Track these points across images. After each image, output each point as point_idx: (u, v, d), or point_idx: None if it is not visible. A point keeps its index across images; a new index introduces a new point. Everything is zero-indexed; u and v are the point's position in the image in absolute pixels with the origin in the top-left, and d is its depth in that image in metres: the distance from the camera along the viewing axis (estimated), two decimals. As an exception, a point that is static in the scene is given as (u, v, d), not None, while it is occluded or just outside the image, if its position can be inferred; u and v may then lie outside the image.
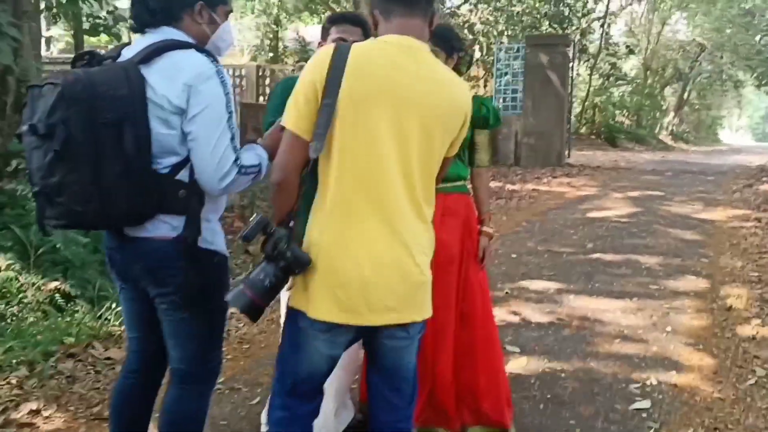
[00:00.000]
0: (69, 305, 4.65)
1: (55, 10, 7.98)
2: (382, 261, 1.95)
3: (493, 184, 12.12)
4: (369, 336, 2.05)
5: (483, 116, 3.11)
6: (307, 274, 1.96)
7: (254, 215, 1.97)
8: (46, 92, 1.96)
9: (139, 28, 2.19)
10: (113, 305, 4.61)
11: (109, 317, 4.52)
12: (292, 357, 2.07)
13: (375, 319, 1.97)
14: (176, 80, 2.04)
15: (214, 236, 2.22)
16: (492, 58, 17.78)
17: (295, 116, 1.92)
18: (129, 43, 2.24)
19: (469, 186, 3.19)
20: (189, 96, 2.04)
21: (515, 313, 5.08)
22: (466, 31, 20.76)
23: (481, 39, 20.03)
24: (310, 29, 23.46)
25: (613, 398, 3.65)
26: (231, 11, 2.33)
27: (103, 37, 9.48)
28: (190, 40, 2.16)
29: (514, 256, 6.97)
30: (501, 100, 15.75)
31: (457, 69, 3.10)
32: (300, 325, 2.01)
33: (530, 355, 4.25)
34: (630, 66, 32.42)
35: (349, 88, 1.88)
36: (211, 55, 2.13)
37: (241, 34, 22.82)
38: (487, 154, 3.19)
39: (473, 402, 3.08)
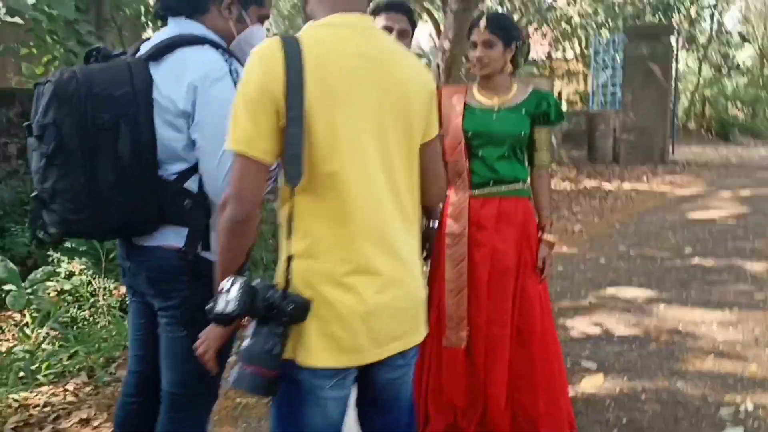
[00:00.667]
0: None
1: (143, 19, 8.18)
2: (382, 284, 1.66)
3: (588, 183, 11.58)
4: (364, 370, 1.74)
5: (543, 112, 2.83)
6: None
7: (228, 280, 1.58)
8: (44, 91, 1.84)
9: (164, 15, 2.04)
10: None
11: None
12: (297, 418, 1.71)
13: (379, 353, 1.69)
14: (182, 80, 1.86)
15: None
16: (590, 51, 17.08)
17: (252, 136, 1.54)
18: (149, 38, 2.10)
19: (528, 187, 2.90)
20: (195, 98, 1.86)
21: (597, 325, 4.70)
22: (564, 24, 20.09)
23: (579, 32, 19.30)
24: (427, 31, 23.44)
25: (699, 425, 3.25)
26: (267, 17, 2.15)
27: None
28: (210, 35, 1.99)
29: (602, 261, 6.53)
30: (599, 95, 15.06)
31: (513, 61, 2.83)
32: (297, 378, 1.64)
33: (608, 372, 3.88)
34: (745, 56, 30.45)
35: (316, 91, 1.56)
36: (228, 52, 1.96)
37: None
38: (548, 153, 2.90)
39: (530, 427, 2.79)
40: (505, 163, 2.80)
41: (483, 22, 2.74)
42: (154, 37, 2.03)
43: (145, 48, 1.98)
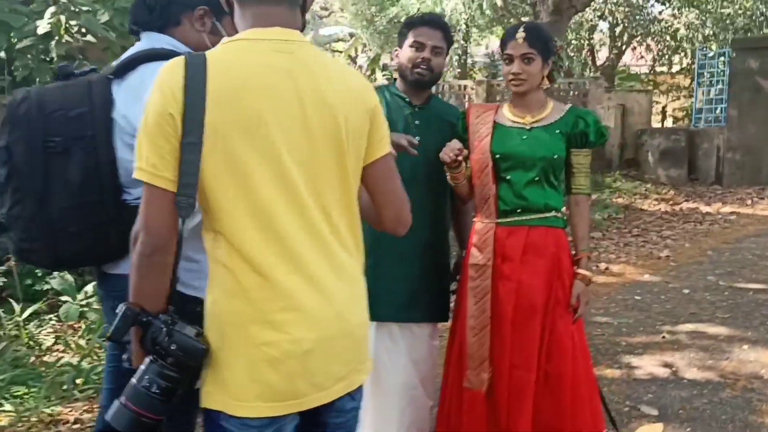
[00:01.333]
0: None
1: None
2: (319, 320, 1.50)
3: (685, 205, 10.88)
4: (307, 415, 1.56)
5: (581, 132, 2.55)
6: (221, 361, 1.48)
7: (121, 305, 1.50)
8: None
9: (136, 29, 1.94)
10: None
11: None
12: None
13: (323, 397, 1.53)
14: (139, 98, 1.71)
15: (200, 279, 1.81)
16: (695, 65, 16.17)
17: (155, 164, 1.41)
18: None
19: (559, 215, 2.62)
20: None
21: (666, 365, 4.28)
22: (668, 38, 19.15)
23: (685, 45, 18.34)
24: (502, 43, 23.03)
25: (767, 491, 2.85)
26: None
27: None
28: (181, 48, 1.87)
29: (686, 291, 6.02)
30: (703, 111, 14.20)
31: (550, 76, 2.57)
32: (227, 429, 1.49)
33: (670, 421, 3.49)
34: None
35: (220, 115, 1.41)
36: None
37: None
38: (587, 178, 2.62)
39: (556, 485, 2.50)
40: (536, 189, 2.54)
41: (521, 34, 2.49)
42: (127, 52, 1.92)
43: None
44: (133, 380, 1.46)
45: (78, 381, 3.82)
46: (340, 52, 25.37)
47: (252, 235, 1.45)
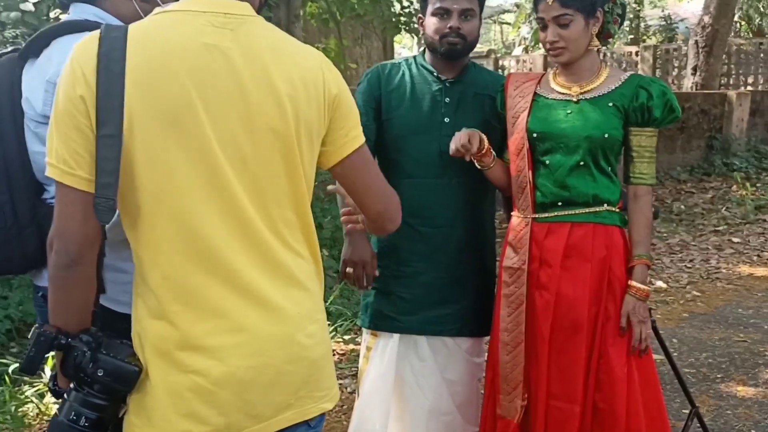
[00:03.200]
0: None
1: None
2: (262, 343, 1.28)
3: None
4: None
5: (642, 106, 2.00)
6: (144, 390, 1.27)
7: (33, 329, 1.28)
8: None
9: (63, 1, 1.72)
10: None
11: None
12: None
13: (263, 429, 1.30)
14: (44, 79, 1.53)
15: (129, 293, 1.58)
16: None
17: (66, 160, 1.19)
18: None
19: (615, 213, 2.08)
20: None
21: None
22: None
23: None
24: (685, 5, 21.11)
25: None
26: None
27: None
28: (108, 19, 1.61)
29: None
30: None
31: (602, 33, 2.05)
32: None
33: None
34: None
35: (140, 102, 1.18)
36: None
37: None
38: (651, 165, 2.05)
39: None
40: (582, 177, 2.04)
41: None
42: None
43: None
44: (57, 413, 1.26)
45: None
46: (509, 24, 24.63)
47: (175, 249, 1.24)
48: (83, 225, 1.21)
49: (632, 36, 20.85)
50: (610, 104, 2.01)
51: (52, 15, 4.81)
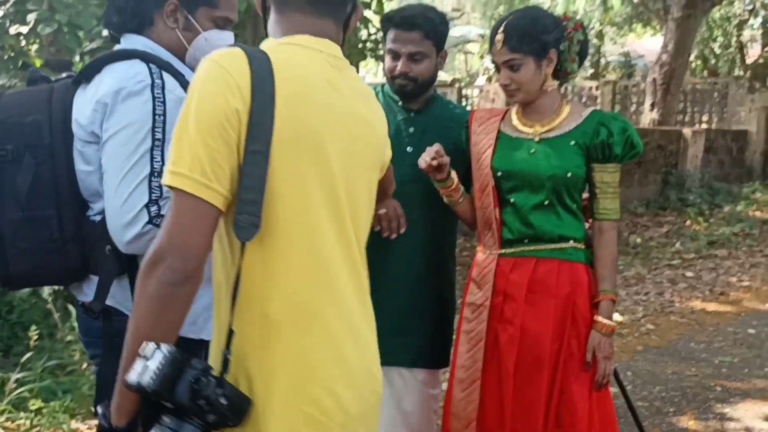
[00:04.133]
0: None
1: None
2: (353, 376, 1.30)
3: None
4: None
5: (603, 143, 2.04)
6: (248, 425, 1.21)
7: (152, 345, 1.14)
8: None
9: (114, 34, 1.80)
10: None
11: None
12: None
13: None
14: (91, 100, 1.60)
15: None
16: None
17: (205, 171, 1.15)
18: None
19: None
20: (103, 117, 1.58)
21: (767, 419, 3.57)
22: None
23: None
24: (644, 43, 21.69)
25: None
26: (228, 20, 1.79)
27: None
28: (156, 49, 1.70)
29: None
30: None
31: (558, 72, 2.08)
32: None
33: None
34: None
35: (287, 123, 1.20)
36: (163, 67, 1.64)
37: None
38: (615, 200, 2.09)
39: None
40: (546, 215, 2.07)
41: (499, 37, 2.03)
42: None
43: None
44: None
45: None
46: (473, 53, 24.96)
47: (303, 272, 1.24)
48: (203, 242, 1.17)
49: (593, 71, 21.34)
50: (572, 143, 2.05)
51: (12, 30, 4.77)
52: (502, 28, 2.01)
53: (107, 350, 1.68)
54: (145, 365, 1.12)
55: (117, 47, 1.76)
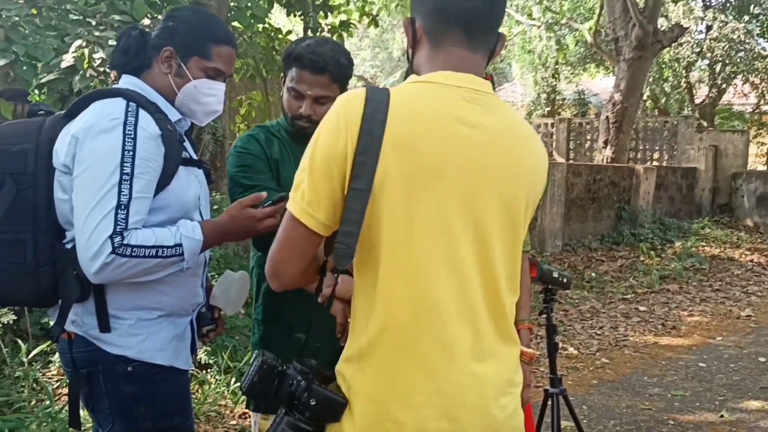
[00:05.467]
0: (200, 373, 4.35)
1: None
2: (452, 410, 1.30)
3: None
4: None
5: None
6: (344, 423, 1.34)
7: (255, 355, 1.43)
8: None
9: (119, 72, 1.92)
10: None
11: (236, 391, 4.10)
12: None
13: None
14: (69, 132, 1.73)
15: (129, 338, 1.78)
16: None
17: (311, 201, 1.29)
18: None
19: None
20: (75, 152, 1.69)
21: (717, 453, 3.65)
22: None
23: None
24: (597, 82, 22.35)
25: None
26: (220, 72, 1.89)
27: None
28: (146, 90, 1.83)
29: (762, 360, 5.28)
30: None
31: None
32: None
33: None
34: None
35: (395, 163, 1.26)
36: (141, 106, 1.75)
37: (520, 89, 22.51)
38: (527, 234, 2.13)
39: None
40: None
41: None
42: None
43: None
44: None
45: None
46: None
47: (401, 301, 1.30)
48: (298, 263, 1.34)
49: (549, 108, 21.84)
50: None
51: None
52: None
53: (74, 372, 1.78)
54: (248, 372, 1.40)
55: (114, 86, 1.86)
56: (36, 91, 5.21)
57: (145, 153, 1.69)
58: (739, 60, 17.86)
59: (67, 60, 4.85)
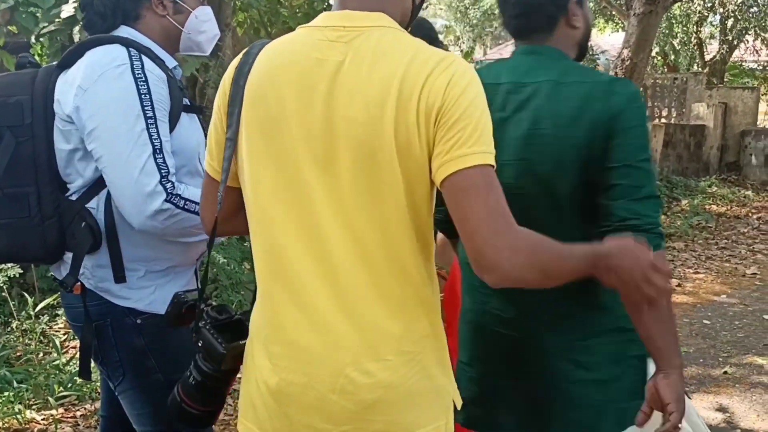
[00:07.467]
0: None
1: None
2: (303, 364, 1.27)
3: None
4: None
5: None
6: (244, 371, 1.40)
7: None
8: None
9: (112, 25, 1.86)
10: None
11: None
12: None
13: None
14: (73, 84, 1.69)
15: (138, 291, 1.78)
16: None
17: (209, 150, 1.40)
18: None
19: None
20: (81, 101, 1.67)
21: (720, 409, 3.67)
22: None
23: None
24: (606, 38, 22.00)
25: None
26: None
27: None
28: (139, 38, 1.79)
29: (767, 317, 5.28)
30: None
31: None
32: None
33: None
34: None
35: (249, 113, 1.28)
36: (142, 52, 1.73)
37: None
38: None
39: None
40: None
41: None
42: None
43: None
44: (187, 372, 1.47)
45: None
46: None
47: (260, 254, 1.32)
48: (212, 204, 1.38)
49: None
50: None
51: None
52: None
53: (86, 323, 1.77)
54: None
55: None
56: (36, 41, 5.14)
57: (158, 95, 1.68)
58: (751, 15, 17.52)
59: (67, 10, 4.77)
